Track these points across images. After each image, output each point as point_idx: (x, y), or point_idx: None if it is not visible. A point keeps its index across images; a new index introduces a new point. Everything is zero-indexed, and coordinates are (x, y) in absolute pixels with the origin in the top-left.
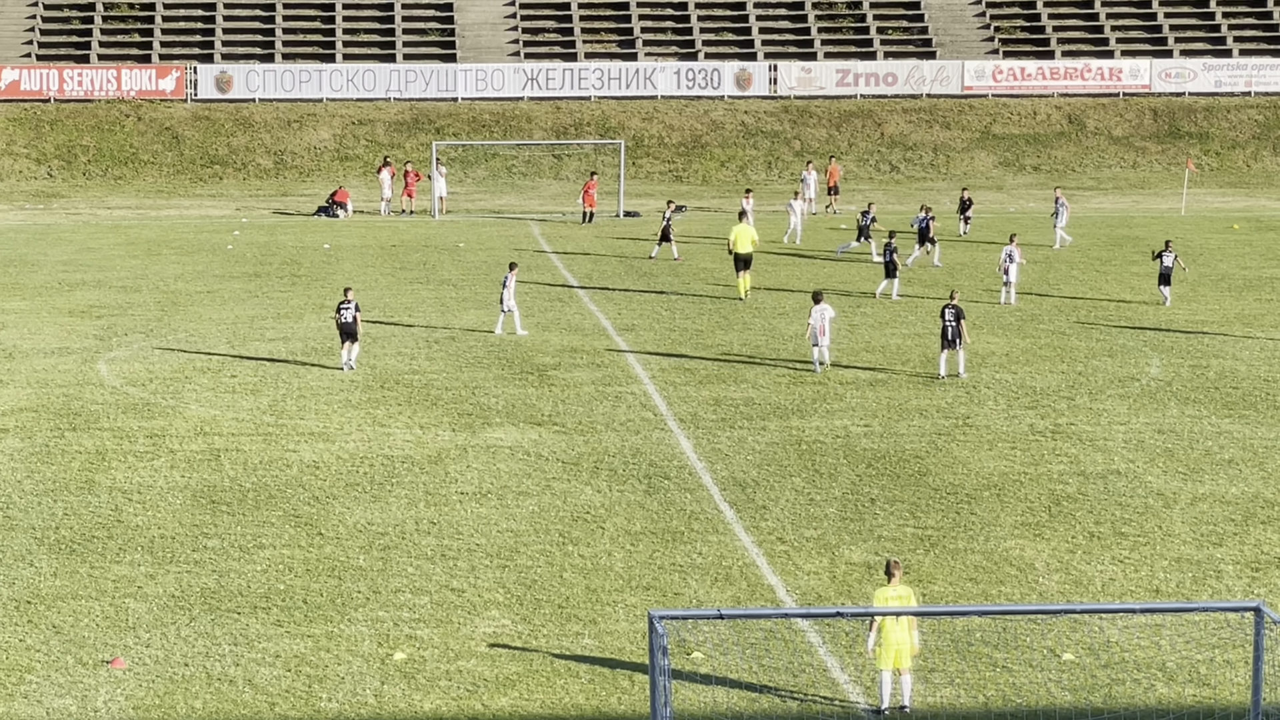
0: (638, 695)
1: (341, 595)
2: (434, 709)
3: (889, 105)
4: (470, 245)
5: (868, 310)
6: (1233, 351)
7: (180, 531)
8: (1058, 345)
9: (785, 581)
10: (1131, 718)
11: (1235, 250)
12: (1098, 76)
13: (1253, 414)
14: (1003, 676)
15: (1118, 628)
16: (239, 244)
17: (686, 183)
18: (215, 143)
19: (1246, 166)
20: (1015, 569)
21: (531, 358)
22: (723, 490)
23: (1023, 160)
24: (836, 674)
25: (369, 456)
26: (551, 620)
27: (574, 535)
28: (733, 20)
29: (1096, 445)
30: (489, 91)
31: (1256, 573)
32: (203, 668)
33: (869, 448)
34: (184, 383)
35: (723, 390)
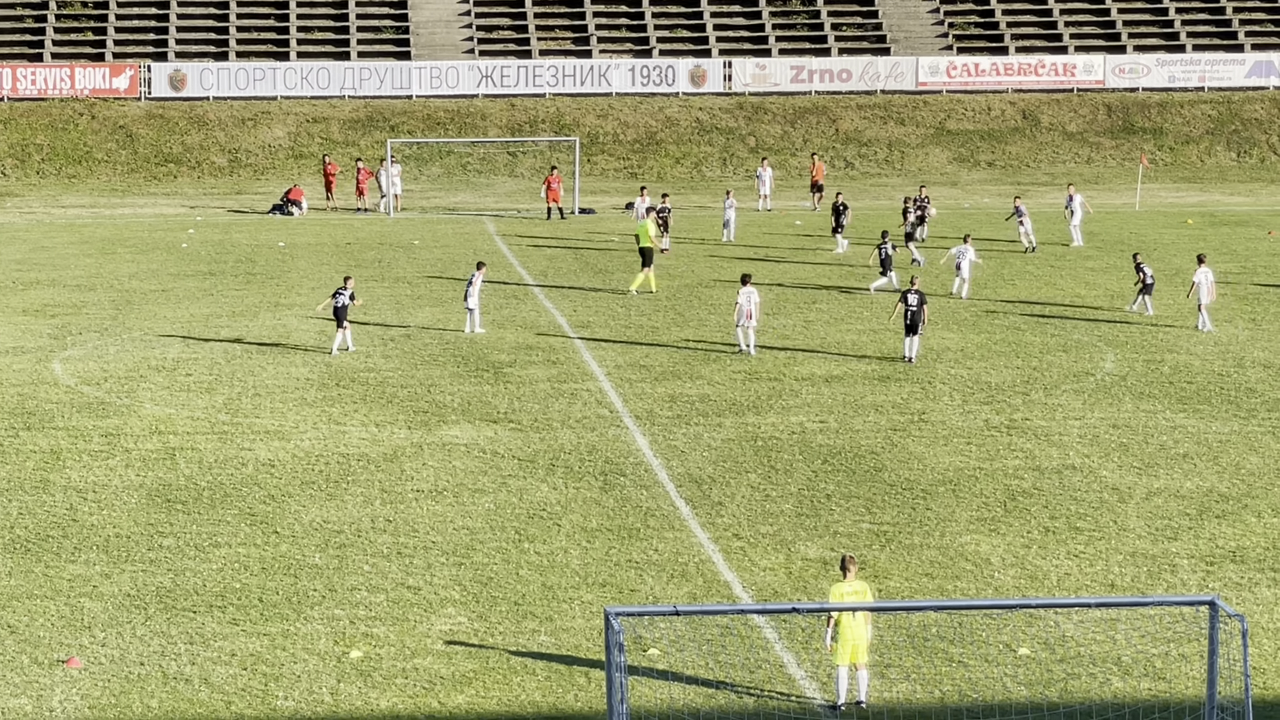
0: (594, 692)
1: (297, 593)
2: (390, 707)
3: (843, 102)
4: (425, 243)
5: (823, 306)
6: (1187, 346)
7: (135, 530)
8: (1013, 340)
9: (741, 578)
10: (1087, 712)
11: (1189, 245)
12: (1052, 72)
13: (1207, 408)
14: (958, 671)
15: (1073, 622)
16: (194, 242)
17: (641, 179)
18: (169, 141)
19: (1200, 162)
20: (971, 564)
21: (487, 355)
22: (679, 487)
23: (977, 156)
24: (793, 670)
25: (324, 454)
26: (508, 618)
27: (530, 532)
28: (687, 17)
29: (1051, 440)
30: (443, 89)
31: (1211, 567)
32: (158, 667)
33: (825, 444)
34: (139, 381)
35: (678, 387)
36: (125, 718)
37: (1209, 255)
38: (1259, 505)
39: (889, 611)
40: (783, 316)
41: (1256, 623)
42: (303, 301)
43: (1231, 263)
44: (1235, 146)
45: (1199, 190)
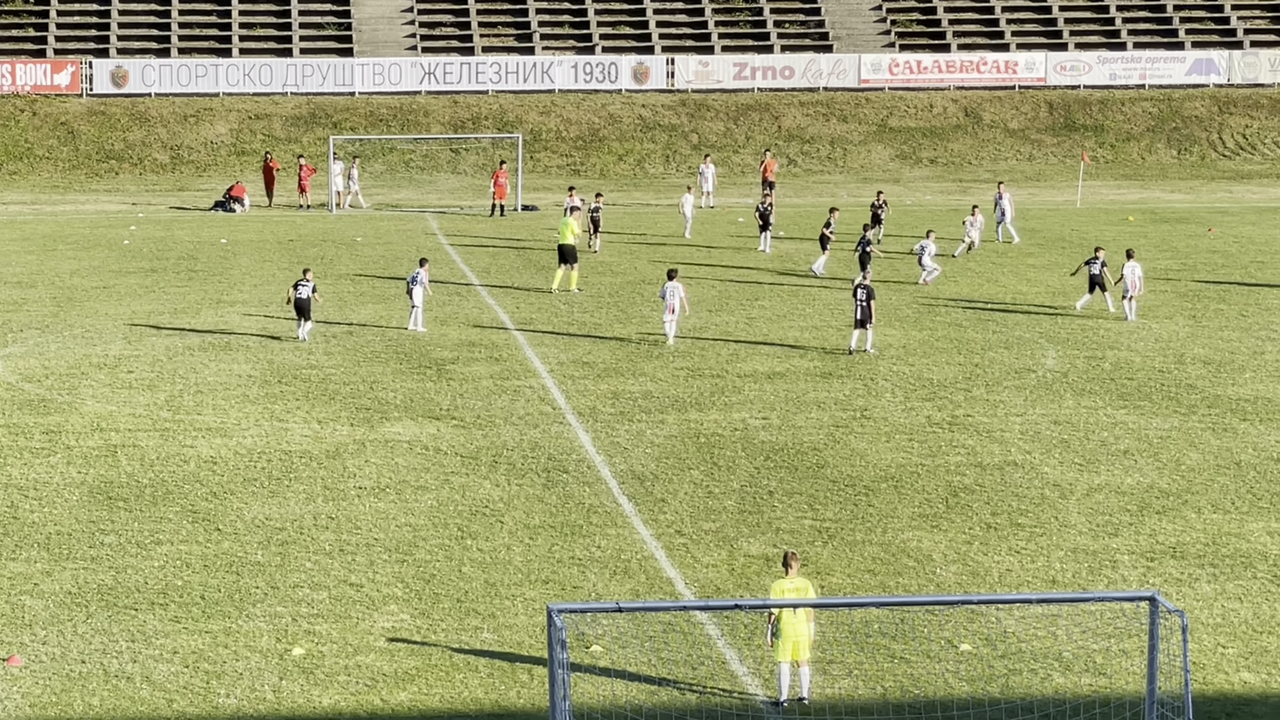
0: (537, 689)
1: (239, 591)
2: (332, 704)
3: (786, 99)
4: (368, 240)
5: (765, 303)
6: (1128, 343)
7: (77, 528)
8: (954, 337)
9: (684, 574)
10: (1028, 708)
11: (1130, 242)
12: (993, 69)
13: (1148, 405)
14: (900, 667)
15: (1015, 618)
16: (135, 239)
17: (584, 176)
18: (111, 137)
19: (1141, 159)
20: (913, 560)
21: (429, 352)
22: (621, 484)
23: (919, 153)
24: (735, 666)
25: (267, 451)
26: (450, 614)
27: (473, 529)
28: (630, 14)
29: (993, 437)
30: (386, 86)
31: (1152, 562)
32: (100, 665)
33: (767, 440)
34: (80, 378)
35: (621, 384)
36: (67, 716)
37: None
38: (1199, 501)
39: (831, 608)
40: (725, 313)
41: (1196, 618)
42: (245, 299)
43: (1172, 260)
44: (1176, 144)
45: (1140, 187)
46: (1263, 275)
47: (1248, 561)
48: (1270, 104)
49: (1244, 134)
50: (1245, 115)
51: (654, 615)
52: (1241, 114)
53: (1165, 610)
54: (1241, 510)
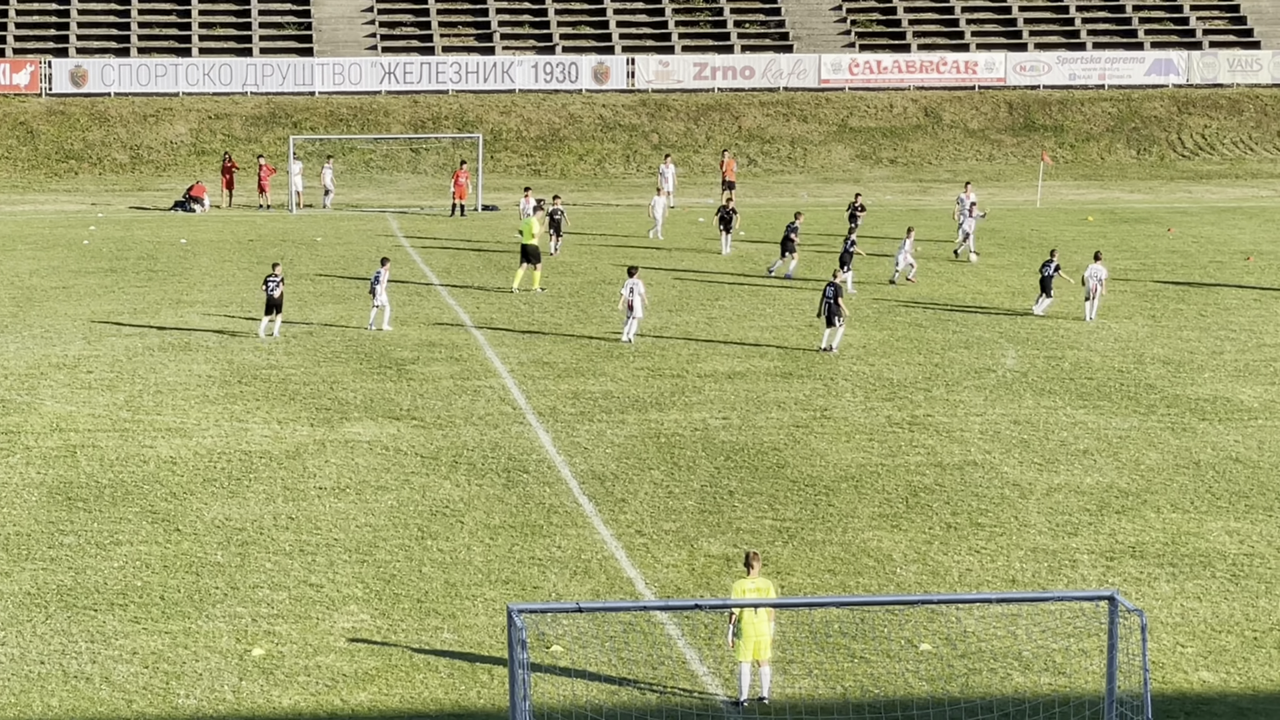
0: (497, 689)
1: (199, 591)
2: (292, 704)
3: (746, 99)
4: (328, 240)
5: (725, 303)
6: (1087, 343)
7: (36, 529)
8: (914, 337)
9: (644, 574)
10: (988, 707)
11: (1090, 242)
12: (953, 70)
13: (1107, 404)
14: (861, 667)
15: (975, 618)
16: (95, 239)
17: (545, 176)
18: (70, 137)
19: (1100, 159)
20: (873, 560)
21: (390, 352)
22: (582, 484)
23: (879, 153)
24: (695, 666)
25: (226, 452)
26: (410, 615)
27: (433, 530)
28: (590, 14)
29: (953, 436)
30: (346, 85)
31: (1111, 562)
32: (59, 665)
33: (727, 440)
34: (39, 379)
35: (581, 384)
36: (25, 717)
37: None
38: (1158, 501)
39: (791, 608)
40: (685, 313)
41: (1155, 617)
42: (205, 299)
43: (1131, 260)
44: (1135, 144)
45: (1099, 187)
46: (1221, 275)
47: (1206, 561)
48: (1229, 104)
49: (1203, 134)
50: (1204, 116)
51: (614, 615)
52: (1200, 114)
53: (1124, 609)
54: (1200, 510)
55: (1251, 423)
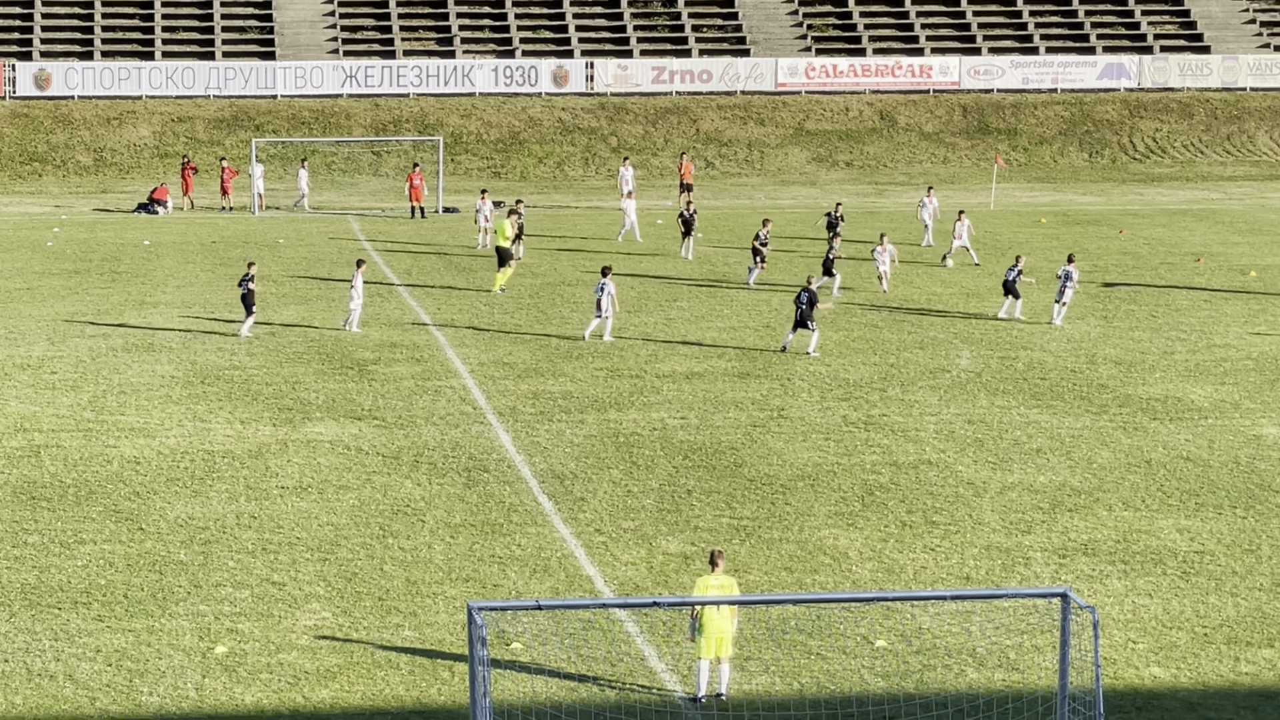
0: (458, 686)
1: (162, 590)
2: (255, 702)
3: (704, 102)
4: (290, 241)
5: (684, 304)
6: (1040, 343)
7: (0, 528)
8: (870, 338)
9: (603, 572)
10: (942, 703)
11: (1043, 244)
12: (908, 73)
13: (1060, 404)
14: (817, 664)
15: (929, 614)
16: (59, 241)
17: (505, 179)
18: (34, 140)
19: (1053, 162)
20: (829, 558)
21: (351, 353)
22: (541, 483)
23: (836, 156)
24: (654, 663)
25: (190, 451)
26: (372, 612)
27: (394, 528)
28: (549, 18)
29: (908, 436)
30: (308, 89)
31: (1064, 559)
32: (23, 663)
33: (685, 440)
34: (3, 380)
35: (541, 384)
36: None
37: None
38: (1110, 499)
39: (749, 605)
40: (644, 314)
41: (1107, 614)
42: (168, 300)
43: (1083, 261)
44: (1087, 147)
45: (1052, 190)
46: (1173, 277)
47: (1158, 558)
48: (1180, 108)
49: (1154, 137)
50: (1155, 119)
51: (573, 613)
52: (1152, 118)
53: (1077, 606)
54: (1151, 508)
55: (1202, 422)
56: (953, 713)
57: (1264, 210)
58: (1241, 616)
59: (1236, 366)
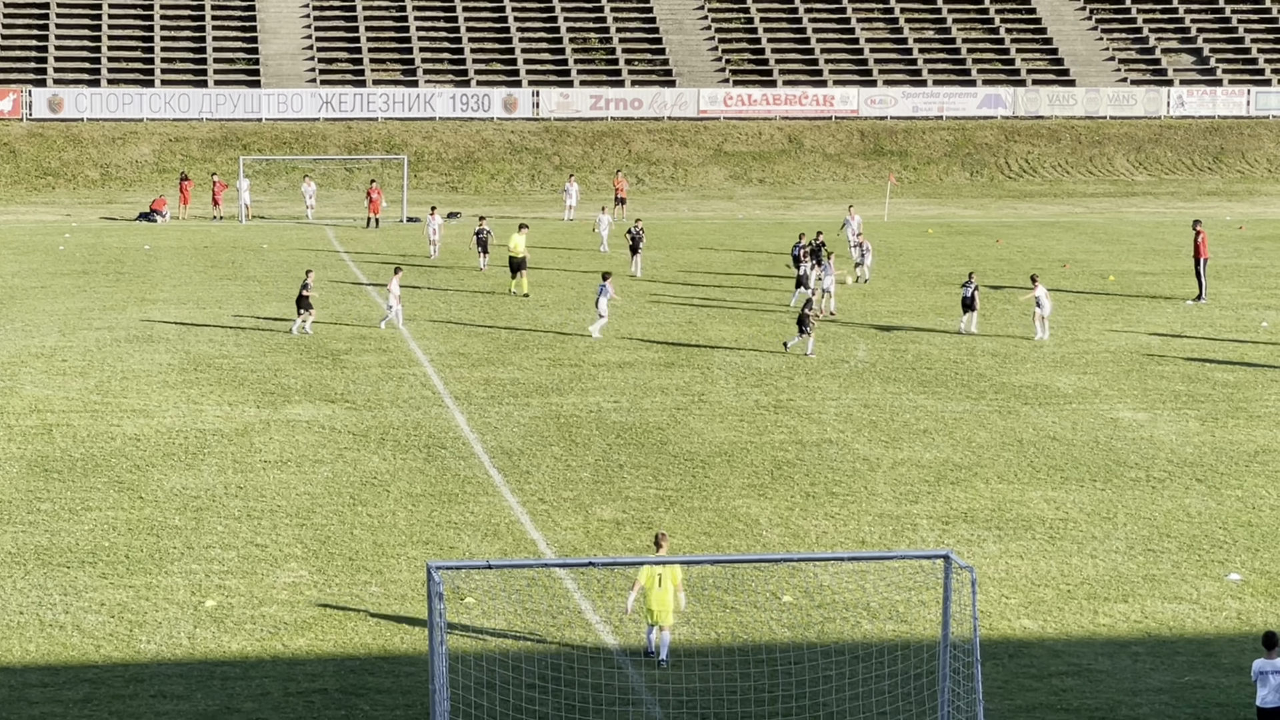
0: (418, 636)
1: (159, 551)
2: (240, 649)
3: (635, 126)
4: (273, 247)
5: (616, 303)
6: (927, 338)
7: (16, 496)
8: (780, 333)
9: (546, 536)
10: (840, 651)
11: (930, 252)
12: (814, 103)
13: (944, 390)
14: (731, 616)
15: (829, 573)
16: (69, 245)
17: (461, 193)
18: (48, 157)
19: (939, 180)
20: (742, 524)
21: (326, 344)
22: (492, 458)
23: (750, 174)
24: (590, 615)
25: (184, 430)
26: (343, 571)
27: (363, 497)
28: (501, 52)
29: (812, 418)
30: (289, 113)
31: (947, 526)
32: (36, 615)
33: (618, 421)
34: (20, 367)
35: (492, 372)
36: (6, 661)
37: (942, 261)
38: (987, 473)
39: (670, 564)
40: (582, 311)
41: (984, 573)
42: (166, 297)
43: (965, 266)
44: (969, 167)
45: (938, 204)
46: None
47: (1028, 525)
48: (1049, 133)
49: (1026, 159)
50: (1028, 143)
51: (520, 571)
52: (1025, 142)
53: (957, 566)
54: (1023, 481)
55: (1067, 406)
56: (849, 659)
57: (1121, 223)
58: (1100, 575)
59: (1097, 359)
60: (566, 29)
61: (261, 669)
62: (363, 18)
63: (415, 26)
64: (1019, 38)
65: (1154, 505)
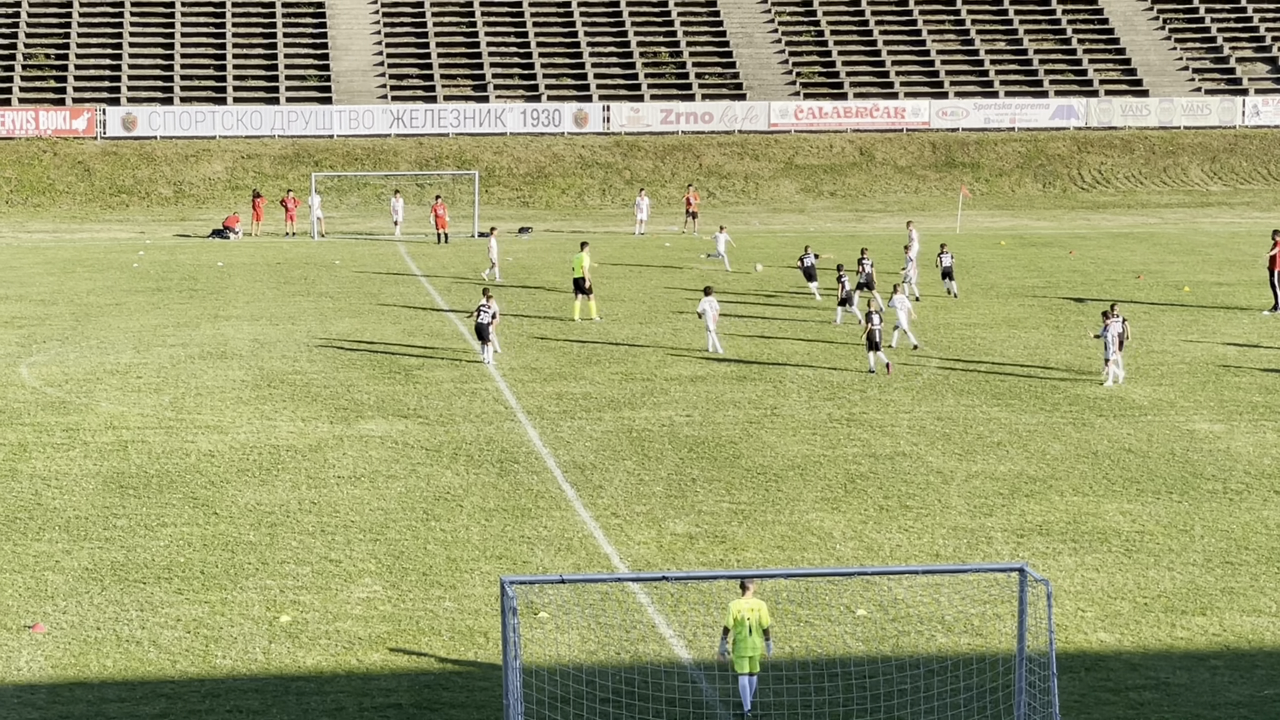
0: (492, 650)
1: (234, 566)
2: (315, 664)
3: (706, 140)
4: (345, 263)
5: (688, 317)
6: (1000, 350)
7: (93, 513)
8: (852, 345)
9: (619, 550)
10: (915, 664)
11: (1002, 263)
12: (885, 115)
13: (1017, 403)
14: (805, 630)
15: (904, 587)
16: (144, 263)
17: (533, 208)
18: (122, 174)
19: (1011, 191)
20: (816, 537)
21: (398, 360)
22: (565, 472)
23: (821, 187)
24: (663, 629)
25: (258, 446)
26: (417, 586)
27: (436, 512)
28: (571, 67)
29: (885, 431)
30: (360, 129)
31: (1021, 539)
32: (113, 631)
33: (690, 435)
34: (95, 383)
35: (564, 386)
36: (84, 676)
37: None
38: (1062, 486)
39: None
40: (654, 325)
41: (1060, 586)
42: (239, 314)
43: (1038, 279)
44: (1041, 179)
45: (1010, 216)
46: (1116, 292)
47: (1103, 537)
48: (1122, 144)
49: (1099, 170)
50: (1101, 154)
51: (593, 586)
52: (1097, 153)
53: (1033, 579)
54: (1098, 493)
55: (1142, 418)
56: (924, 673)
57: (1196, 234)
58: (1177, 588)
59: (1172, 370)
60: (637, 43)
61: (336, 684)
62: (433, 33)
63: (486, 42)
64: (1091, 48)
65: (1231, 517)
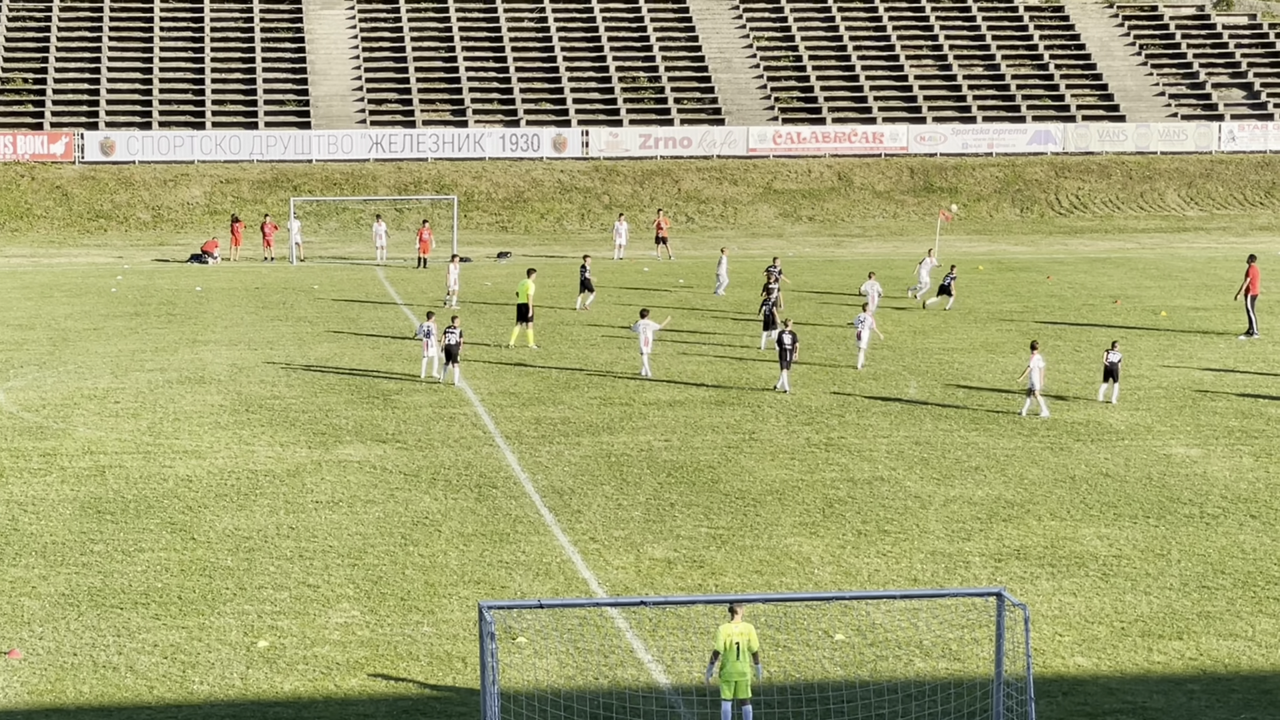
0: (470, 675)
1: (212, 592)
2: (293, 689)
3: (685, 165)
4: (324, 288)
5: (668, 341)
6: (978, 374)
7: (70, 538)
8: (830, 370)
9: (597, 575)
10: (894, 689)
11: (980, 288)
12: (863, 140)
13: (995, 427)
14: (784, 655)
15: (882, 611)
16: (121, 287)
17: (511, 233)
18: (100, 199)
19: (989, 216)
20: (794, 562)
21: (377, 384)
22: (543, 497)
23: (799, 212)
24: (642, 654)
25: (236, 471)
26: (395, 611)
27: (414, 537)
28: (550, 91)
29: (863, 455)
30: (339, 154)
31: (999, 563)
32: (89, 657)
33: (669, 459)
34: (73, 408)
35: (543, 411)
36: (60, 702)
37: (993, 297)
38: (1039, 510)
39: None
40: (633, 349)
41: (1037, 611)
42: (217, 339)
43: (1015, 303)
44: (1019, 204)
45: (988, 241)
46: (1093, 316)
47: (1080, 562)
48: (1099, 169)
49: (1077, 195)
50: (1078, 179)
51: (571, 611)
52: (1075, 178)
53: (1010, 604)
54: (1075, 518)
55: (1119, 443)
56: (902, 697)
57: (1173, 259)
58: (1154, 613)
59: (1149, 395)
60: (615, 68)
61: (314, 710)
62: (412, 58)
63: (464, 67)
64: (1068, 73)
65: (1208, 542)
